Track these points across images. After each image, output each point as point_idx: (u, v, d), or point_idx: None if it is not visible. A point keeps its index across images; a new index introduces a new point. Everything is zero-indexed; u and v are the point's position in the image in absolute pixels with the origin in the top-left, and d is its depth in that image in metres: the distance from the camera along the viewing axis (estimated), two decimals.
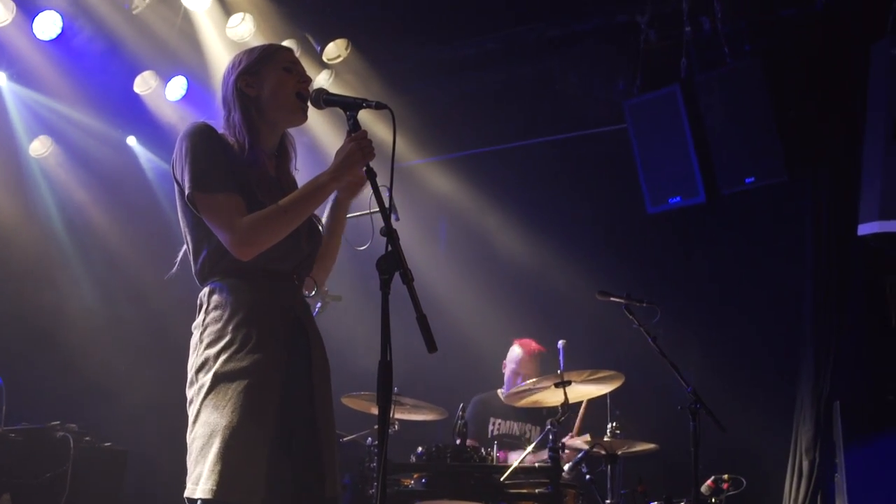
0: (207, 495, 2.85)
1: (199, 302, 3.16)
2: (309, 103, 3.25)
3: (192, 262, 3.20)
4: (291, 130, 3.42)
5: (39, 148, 7.61)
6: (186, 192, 3.05)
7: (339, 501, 3.15)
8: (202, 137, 3.10)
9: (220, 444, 2.89)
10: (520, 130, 7.89)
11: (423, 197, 8.02)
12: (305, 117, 3.30)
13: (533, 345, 6.46)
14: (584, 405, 6.04)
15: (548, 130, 7.83)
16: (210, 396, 2.96)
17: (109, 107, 7.42)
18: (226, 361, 2.99)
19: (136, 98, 7.42)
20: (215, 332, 3.04)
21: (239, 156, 3.13)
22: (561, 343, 5.41)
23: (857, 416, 6.25)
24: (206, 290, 3.14)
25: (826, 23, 6.29)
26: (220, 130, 3.20)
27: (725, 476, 5.44)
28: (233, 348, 3.00)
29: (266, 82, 3.24)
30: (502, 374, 6.56)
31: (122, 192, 7.77)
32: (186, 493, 2.94)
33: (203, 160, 3.07)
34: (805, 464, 6.25)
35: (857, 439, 6.21)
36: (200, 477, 2.88)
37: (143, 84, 7.40)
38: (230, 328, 3.03)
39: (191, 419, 3.02)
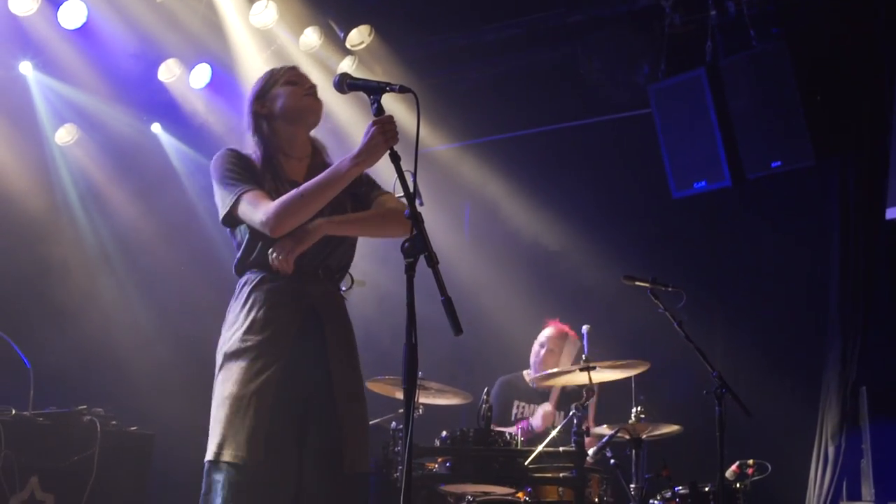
0: (210, 457, 3.21)
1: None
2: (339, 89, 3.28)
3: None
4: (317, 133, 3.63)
5: (65, 136, 7.66)
6: (222, 212, 3.40)
7: (364, 479, 3.32)
8: (224, 159, 3.46)
9: (223, 413, 3.22)
10: (543, 116, 7.86)
11: (447, 183, 8.01)
12: (318, 116, 3.54)
13: (565, 327, 6.46)
14: (594, 396, 6.00)
15: (571, 116, 7.80)
16: (220, 373, 3.32)
17: (134, 95, 7.46)
18: (234, 342, 3.31)
19: (160, 86, 7.46)
20: (232, 317, 3.38)
21: (260, 169, 3.44)
22: (585, 328, 5.39)
23: (883, 402, 6.22)
24: (238, 281, 3.46)
25: (854, 5, 6.22)
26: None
27: (750, 461, 5.41)
28: (241, 330, 3.31)
29: (277, 99, 3.51)
30: (527, 358, 6.55)
31: (146, 180, 7.81)
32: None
33: (228, 175, 3.41)
34: (831, 449, 6.22)
35: (883, 425, 6.18)
36: (209, 442, 3.23)
37: (168, 72, 7.43)
38: (243, 313, 3.34)
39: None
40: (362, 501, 3.34)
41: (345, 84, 3.23)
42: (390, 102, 3.20)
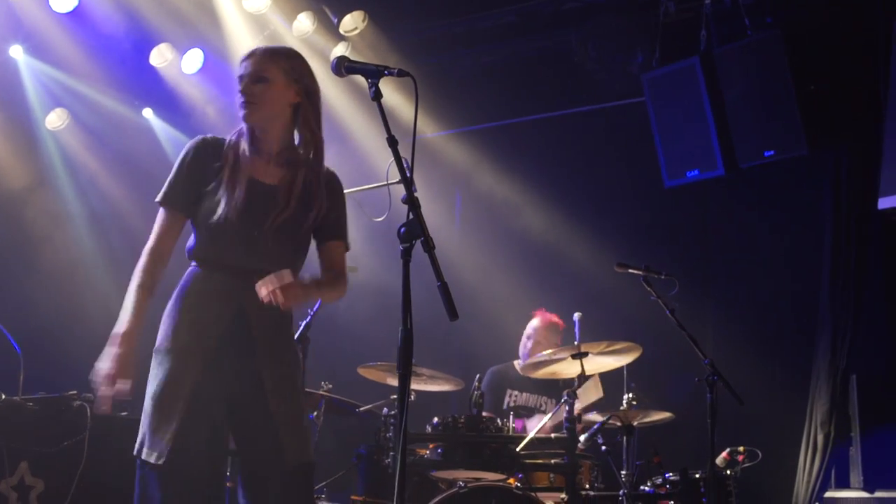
0: (134, 452, 3.27)
1: None
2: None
3: None
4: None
5: (56, 121, 7.63)
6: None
7: (307, 469, 3.31)
8: (183, 153, 3.45)
9: (146, 410, 3.27)
10: (537, 104, 7.86)
11: (439, 170, 8.00)
12: (248, 116, 3.36)
13: (552, 316, 6.46)
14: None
15: (565, 104, 7.80)
16: (151, 369, 3.33)
17: (125, 80, 7.43)
18: (161, 340, 3.33)
19: (152, 71, 7.42)
20: (167, 311, 3.39)
21: (224, 154, 3.39)
22: (577, 316, 5.38)
23: (872, 391, 6.27)
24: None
25: None
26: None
27: (741, 448, 5.43)
28: (167, 328, 3.34)
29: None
30: (517, 346, 6.55)
31: (137, 164, 7.78)
32: None
33: (172, 172, 3.45)
34: (820, 437, 6.26)
35: (872, 413, 6.22)
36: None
37: (160, 57, 7.40)
38: (174, 310, 3.36)
39: None
40: (306, 492, 3.37)
41: (342, 67, 3.19)
42: (385, 85, 3.17)
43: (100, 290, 7.31)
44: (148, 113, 7.91)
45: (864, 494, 5.98)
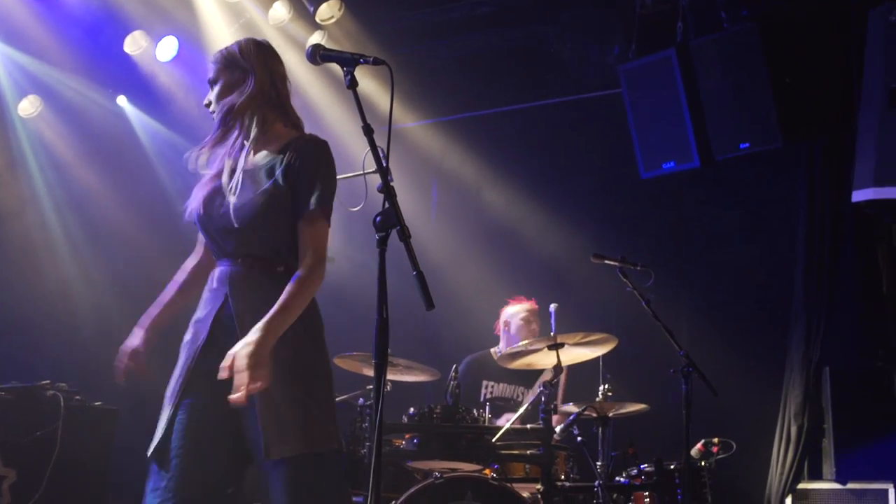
0: None
1: None
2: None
3: None
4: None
5: (28, 108, 7.57)
6: None
7: (292, 462, 3.11)
8: None
9: None
10: (513, 94, 7.84)
11: (415, 160, 7.98)
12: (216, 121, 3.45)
13: (529, 302, 6.47)
14: (564, 374, 6.02)
15: (541, 95, 7.79)
16: None
17: (99, 67, 7.37)
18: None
19: (126, 58, 7.37)
20: None
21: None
22: (553, 307, 5.39)
23: (845, 382, 6.30)
24: None
25: None
26: None
27: (715, 440, 5.47)
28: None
29: None
30: (495, 336, 6.56)
31: (112, 152, 7.73)
32: None
33: None
34: (793, 429, 6.29)
35: (845, 405, 6.25)
36: None
37: (134, 44, 7.35)
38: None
39: None
40: (293, 485, 3.13)
41: (318, 55, 3.18)
42: (361, 73, 3.15)
43: (76, 279, 7.27)
44: (122, 101, 7.84)
45: (837, 486, 6.01)
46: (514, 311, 6.42)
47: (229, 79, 3.40)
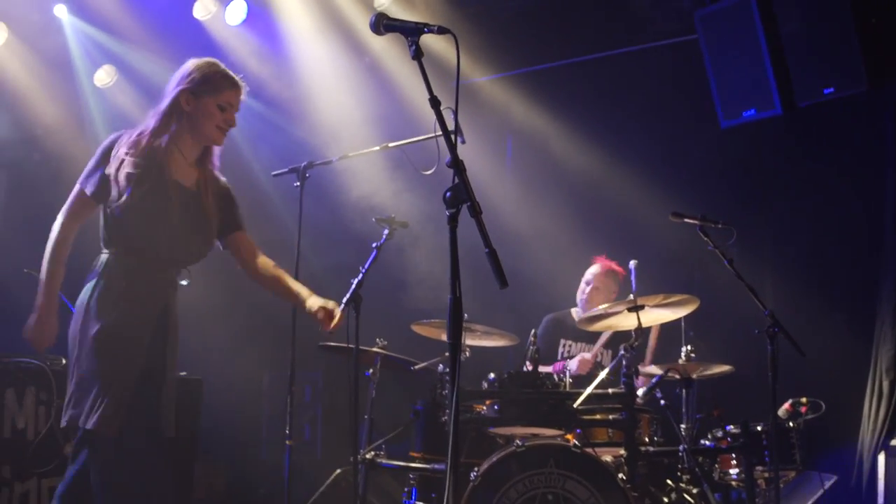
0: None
1: None
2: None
3: None
4: None
5: (105, 78, 7.64)
6: None
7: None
8: (99, 148, 3.81)
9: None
10: (587, 44, 7.65)
11: (488, 114, 7.87)
12: (221, 143, 3.94)
13: (612, 263, 6.36)
14: (655, 332, 5.91)
15: (616, 43, 7.58)
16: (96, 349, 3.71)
17: (169, 34, 7.37)
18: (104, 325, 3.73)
19: (196, 24, 7.37)
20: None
21: (151, 154, 3.74)
22: (633, 263, 5.20)
23: None
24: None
25: None
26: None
27: (804, 399, 5.32)
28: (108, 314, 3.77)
29: (201, 108, 3.82)
30: (573, 296, 6.46)
31: None
32: None
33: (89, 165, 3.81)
34: (885, 384, 6.10)
35: None
36: None
37: (203, 10, 7.35)
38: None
39: None
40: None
41: (381, 25, 3.14)
42: (429, 38, 3.06)
43: None
44: None
45: None
46: (592, 274, 6.34)
47: None
